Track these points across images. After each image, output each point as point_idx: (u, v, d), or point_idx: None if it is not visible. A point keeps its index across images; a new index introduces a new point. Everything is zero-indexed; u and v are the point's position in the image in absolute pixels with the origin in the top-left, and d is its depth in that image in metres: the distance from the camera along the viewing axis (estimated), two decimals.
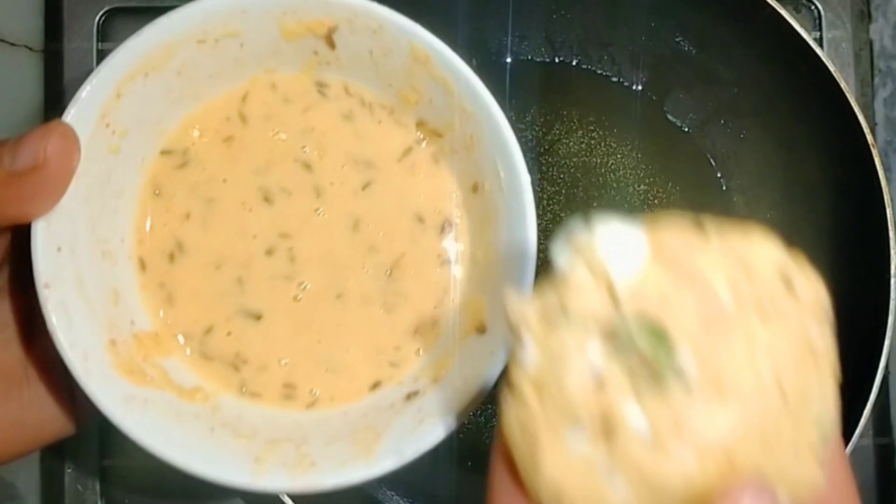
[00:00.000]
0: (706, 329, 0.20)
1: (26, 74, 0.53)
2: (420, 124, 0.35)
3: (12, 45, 0.53)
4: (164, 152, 0.35)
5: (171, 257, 0.35)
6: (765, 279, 0.21)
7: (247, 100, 0.34)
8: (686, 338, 0.20)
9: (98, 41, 0.53)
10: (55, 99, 0.53)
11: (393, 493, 0.46)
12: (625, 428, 0.19)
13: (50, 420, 0.33)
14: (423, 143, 0.35)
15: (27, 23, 0.53)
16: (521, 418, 0.20)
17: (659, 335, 0.20)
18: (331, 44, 0.32)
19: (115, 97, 0.31)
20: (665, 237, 0.21)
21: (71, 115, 0.30)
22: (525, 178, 0.32)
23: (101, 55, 0.53)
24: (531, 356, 0.20)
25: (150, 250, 0.35)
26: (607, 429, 0.19)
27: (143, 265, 0.35)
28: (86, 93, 0.30)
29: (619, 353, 0.20)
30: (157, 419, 0.32)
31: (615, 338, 0.20)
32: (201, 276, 0.35)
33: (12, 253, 0.32)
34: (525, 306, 0.21)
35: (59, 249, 0.31)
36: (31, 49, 0.53)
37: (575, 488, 0.19)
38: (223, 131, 0.35)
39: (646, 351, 0.19)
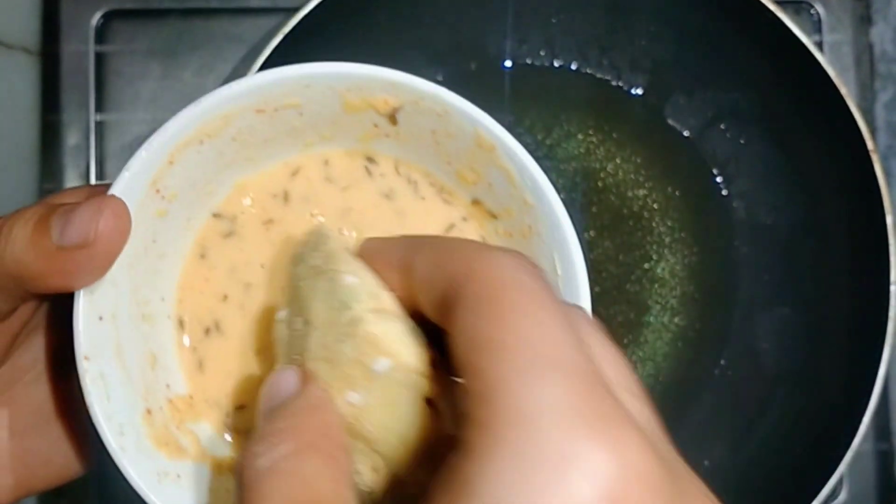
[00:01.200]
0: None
1: (23, 77, 0.53)
2: (475, 203, 0.34)
3: (9, 47, 0.53)
4: (216, 215, 0.35)
5: (207, 332, 0.35)
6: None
7: (296, 176, 0.34)
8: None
9: (95, 43, 0.53)
10: (52, 101, 0.53)
11: None
12: None
13: (69, 459, 0.33)
14: (467, 221, 0.34)
15: (24, 25, 0.53)
16: None
17: None
18: (393, 120, 0.32)
19: (168, 164, 0.31)
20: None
21: (123, 184, 0.30)
22: (584, 280, 0.31)
23: (98, 58, 0.53)
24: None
25: (189, 312, 0.35)
26: None
27: (181, 325, 0.34)
28: (139, 161, 0.30)
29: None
30: (189, 495, 0.32)
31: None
32: (236, 357, 0.34)
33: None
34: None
35: (100, 318, 0.30)
36: (28, 51, 0.53)
37: None
38: (267, 210, 0.34)
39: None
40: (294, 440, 0.22)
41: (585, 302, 0.30)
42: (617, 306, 0.50)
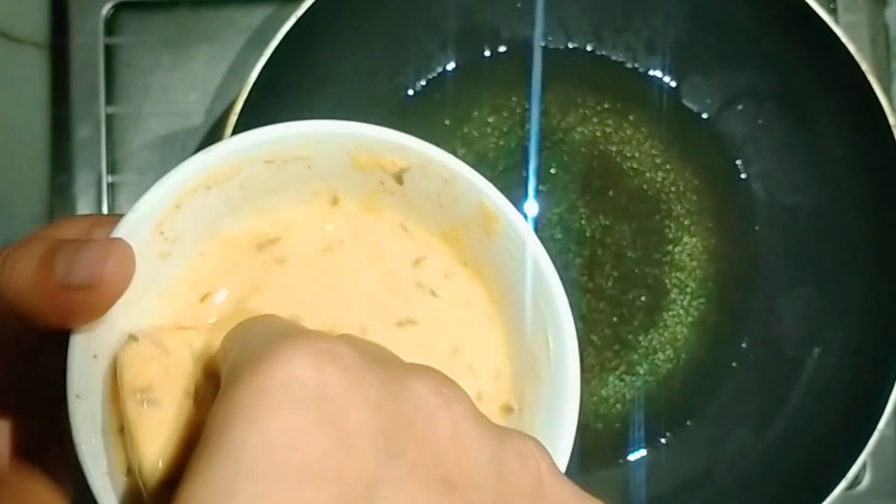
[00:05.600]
0: None
1: (33, 71, 0.52)
2: (466, 264, 0.35)
3: (19, 41, 0.52)
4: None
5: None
6: None
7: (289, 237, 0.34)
8: None
9: (104, 36, 0.52)
10: (62, 95, 0.52)
11: None
12: None
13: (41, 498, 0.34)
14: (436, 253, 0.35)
15: (33, 19, 0.53)
16: None
17: None
18: (399, 181, 0.32)
19: (174, 208, 0.31)
20: None
21: (128, 226, 0.30)
22: (574, 363, 0.31)
23: (108, 50, 0.52)
24: None
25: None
26: None
27: None
28: (146, 204, 0.30)
29: None
30: None
31: None
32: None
33: None
34: None
35: (94, 357, 0.30)
36: (37, 45, 0.53)
37: None
38: (255, 278, 0.35)
39: None
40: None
41: (574, 381, 0.31)
42: (636, 290, 0.49)
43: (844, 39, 0.43)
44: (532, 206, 0.49)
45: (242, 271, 0.35)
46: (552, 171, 0.49)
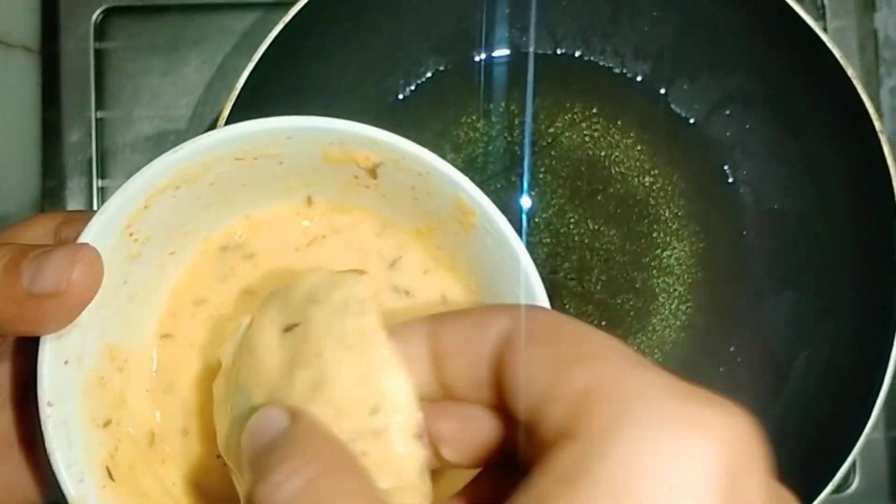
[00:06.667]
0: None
1: (24, 75, 0.52)
2: (443, 259, 0.34)
3: (9, 45, 0.52)
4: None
5: (168, 387, 0.34)
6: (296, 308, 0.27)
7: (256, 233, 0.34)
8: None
9: (95, 40, 0.52)
10: (53, 99, 0.52)
11: None
12: None
13: (29, 488, 0.33)
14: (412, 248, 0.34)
15: (24, 23, 0.53)
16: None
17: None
18: (373, 175, 0.32)
19: (143, 208, 0.30)
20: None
21: (96, 229, 0.29)
22: None
23: (99, 55, 0.53)
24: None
25: (158, 358, 0.34)
26: None
27: (153, 365, 0.34)
28: (114, 206, 0.29)
29: None
30: None
31: None
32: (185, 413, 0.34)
33: None
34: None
35: (66, 362, 0.30)
36: (28, 49, 0.53)
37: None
38: (229, 275, 0.34)
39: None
40: (314, 463, 0.22)
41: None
42: (624, 295, 0.49)
43: (830, 45, 0.43)
44: (521, 209, 0.49)
45: (216, 270, 0.35)
46: (541, 175, 0.49)
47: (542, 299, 0.30)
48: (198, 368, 0.34)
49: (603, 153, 0.49)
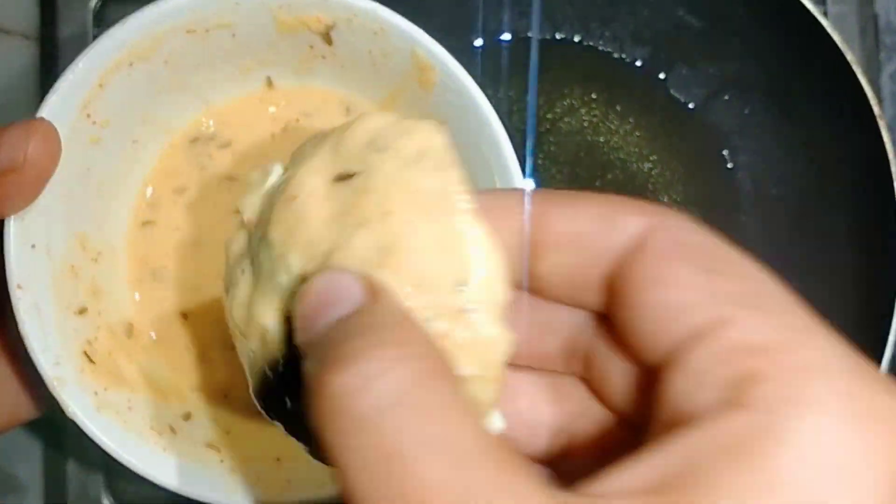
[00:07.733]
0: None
1: (22, 62, 0.52)
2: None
3: (7, 32, 0.52)
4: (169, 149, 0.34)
5: (154, 273, 0.34)
6: (353, 155, 0.22)
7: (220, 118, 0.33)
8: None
9: (93, 28, 0.52)
10: (50, 87, 0.52)
11: None
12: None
13: (18, 401, 0.33)
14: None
15: (22, 10, 0.53)
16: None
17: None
18: (328, 40, 0.31)
19: (98, 87, 0.30)
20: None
21: (50, 107, 0.29)
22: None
23: None
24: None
25: (136, 246, 0.34)
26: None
27: (129, 259, 0.34)
28: (66, 84, 0.29)
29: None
30: (131, 425, 0.31)
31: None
32: (181, 296, 0.34)
33: None
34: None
35: (33, 247, 0.29)
36: (26, 37, 0.53)
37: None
38: (218, 161, 0.34)
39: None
40: (411, 361, 0.17)
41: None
42: None
43: (830, 30, 0.43)
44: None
45: (191, 160, 0.34)
46: (539, 161, 0.49)
47: (510, 154, 0.30)
48: (186, 252, 0.34)
49: (602, 139, 0.49)
